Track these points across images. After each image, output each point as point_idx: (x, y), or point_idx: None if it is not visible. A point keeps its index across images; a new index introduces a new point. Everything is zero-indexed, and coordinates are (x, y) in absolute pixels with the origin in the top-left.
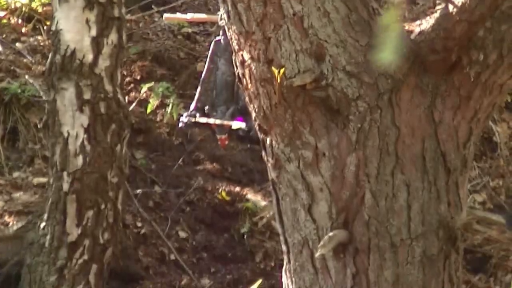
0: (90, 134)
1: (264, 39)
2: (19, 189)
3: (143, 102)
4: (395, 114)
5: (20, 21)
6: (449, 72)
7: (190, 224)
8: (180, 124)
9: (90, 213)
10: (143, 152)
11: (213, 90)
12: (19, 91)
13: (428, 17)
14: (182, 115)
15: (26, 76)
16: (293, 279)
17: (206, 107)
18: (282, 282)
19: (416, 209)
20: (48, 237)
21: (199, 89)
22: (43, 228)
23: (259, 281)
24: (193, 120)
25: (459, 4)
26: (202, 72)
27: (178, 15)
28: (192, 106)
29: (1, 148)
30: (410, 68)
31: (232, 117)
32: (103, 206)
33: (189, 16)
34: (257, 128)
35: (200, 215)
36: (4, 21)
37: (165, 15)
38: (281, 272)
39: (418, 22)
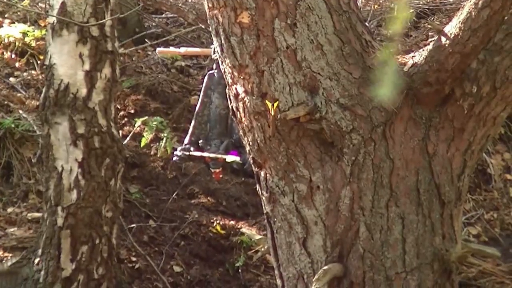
0: (84, 169)
1: (258, 72)
2: (14, 224)
3: (137, 136)
4: (389, 147)
5: (13, 55)
6: (442, 104)
7: (185, 258)
8: (175, 158)
9: (84, 248)
10: (137, 186)
11: (207, 124)
12: (13, 125)
13: (421, 50)
14: (176, 149)
15: (20, 111)
16: None
17: (200, 141)
18: None
19: (411, 242)
20: (42, 272)
21: (193, 122)
22: (38, 264)
23: None
24: (187, 153)
25: (452, 36)
26: (195, 106)
27: (171, 49)
28: (186, 140)
29: None
30: (403, 101)
31: (226, 151)
32: (97, 241)
33: (183, 50)
34: (251, 161)
35: (195, 249)
36: None
37: (158, 49)
38: None
39: (411, 54)
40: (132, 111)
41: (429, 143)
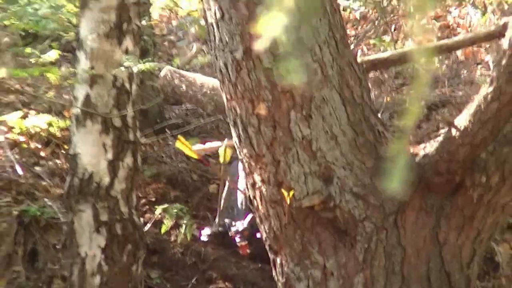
0: (107, 255)
1: (274, 162)
2: None
3: (158, 223)
4: (401, 235)
5: (39, 145)
6: (453, 193)
7: None
8: (203, 238)
9: None
10: (158, 272)
11: (233, 208)
12: (38, 213)
13: (432, 141)
14: (203, 229)
15: (45, 199)
16: None
17: (227, 220)
18: None
19: None
20: None
21: (221, 206)
22: None
23: None
24: (215, 231)
25: (462, 128)
26: (214, 193)
27: (197, 146)
28: (216, 221)
29: (21, 268)
30: (415, 191)
31: (252, 226)
32: None
33: (199, 146)
34: (267, 248)
35: None
36: (24, 145)
37: (177, 143)
38: None
39: (422, 145)
40: (153, 199)
41: (440, 231)
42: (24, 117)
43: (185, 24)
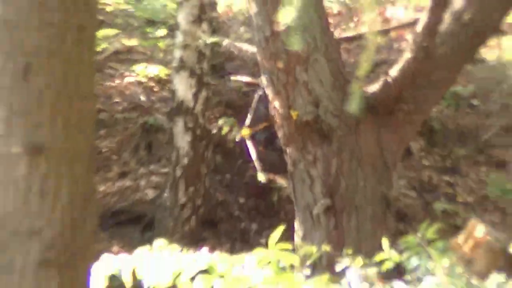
0: (190, 146)
1: (287, 95)
2: (150, 175)
3: (220, 129)
4: (358, 138)
5: (153, 84)
6: (389, 114)
7: None
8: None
9: (191, 188)
10: (220, 156)
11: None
12: (153, 122)
13: (376, 84)
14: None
15: (157, 114)
16: (300, 227)
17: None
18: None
19: (369, 190)
20: (168, 202)
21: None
22: (167, 196)
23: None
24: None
25: (393, 76)
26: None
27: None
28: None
29: (145, 154)
30: (366, 112)
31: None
32: (198, 185)
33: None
34: (282, 144)
35: None
36: (146, 84)
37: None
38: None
39: (371, 86)
40: (218, 115)
41: (381, 135)
42: (146, 67)
43: (237, 15)
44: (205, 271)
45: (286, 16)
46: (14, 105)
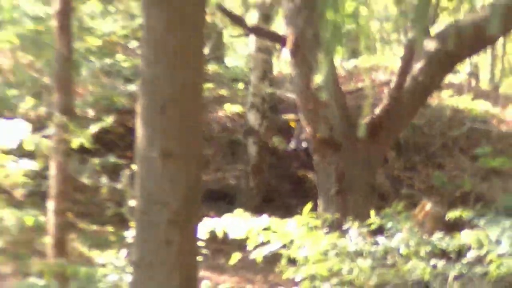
0: (256, 154)
1: (314, 125)
2: None
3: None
4: (355, 149)
5: (236, 117)
6: (374, 135)
7: None
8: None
9: None
10: (273, 158)
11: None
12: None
13: (367, 118)
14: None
15: (238, 135)
16: (321, 203)
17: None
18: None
19: (362, 179)
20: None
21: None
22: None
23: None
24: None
25: (377, 114)
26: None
27: None
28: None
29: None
30: (366, 134)
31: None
32: None
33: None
34: (312, 150)
35: None
36: (228, 120)
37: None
38: None
39: (365, 119)
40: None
41: (370, 148)
42: (231, 106)
43: (286, 76)
44: (265, 229)
45: (317, 78)
46: (154, 127)
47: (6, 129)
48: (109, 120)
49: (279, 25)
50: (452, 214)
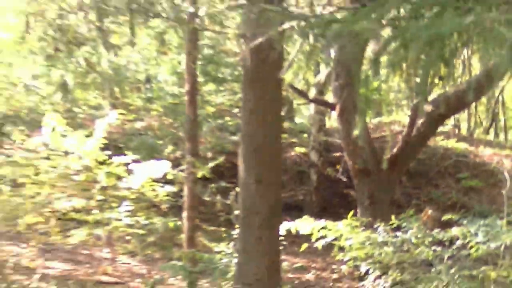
0: (316, 170)
1: (353, 159)
2: None
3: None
4: (381, 176)
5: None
6: (393, 166)
7: None
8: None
9: None
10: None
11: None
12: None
13: (388, 155)
14: None
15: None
16: (359, 210)
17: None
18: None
19: (385, 193)
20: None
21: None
22: None
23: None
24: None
25: (394, 152)
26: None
27: None
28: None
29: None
30: (388, 166)
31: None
32: None
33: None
34: (353, 177)
35: None
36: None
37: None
38: None
39: (387, 156)
40: None
41: (390, 175)
42: (302, 149)
43: (335, 129)
44: (323, 228)
45: (355, 131)
46: (250, 163)
47: (155, 166)
48: (221, 159)
49: (330, 97)
50: (445, 217)
